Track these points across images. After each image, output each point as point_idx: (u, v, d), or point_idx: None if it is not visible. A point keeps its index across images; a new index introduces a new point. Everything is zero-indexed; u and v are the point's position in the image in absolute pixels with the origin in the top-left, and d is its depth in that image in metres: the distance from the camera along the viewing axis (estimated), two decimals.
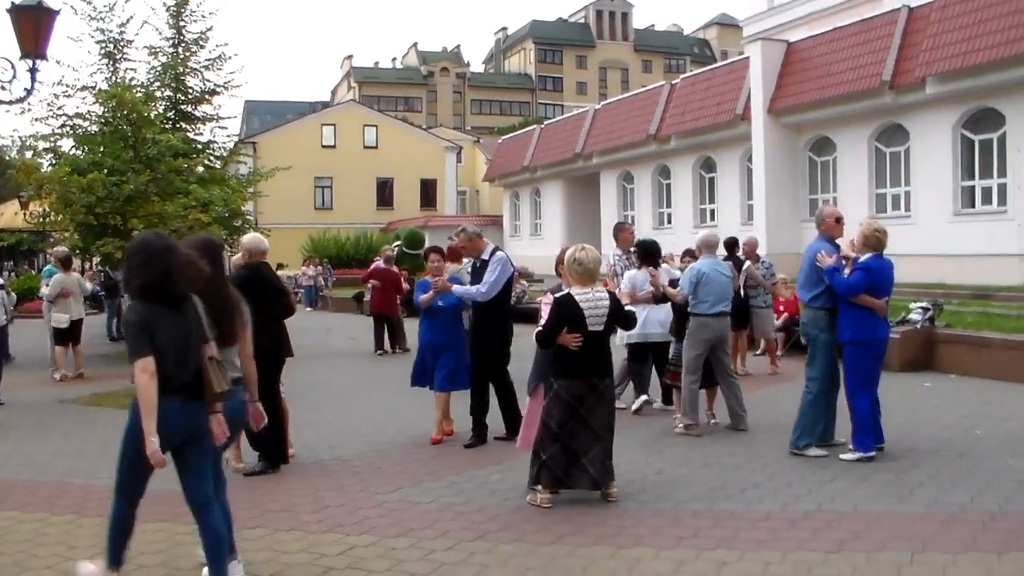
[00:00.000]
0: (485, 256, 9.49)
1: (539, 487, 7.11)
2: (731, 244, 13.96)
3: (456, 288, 9.43)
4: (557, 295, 7.27)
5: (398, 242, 24.98)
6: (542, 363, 7.62)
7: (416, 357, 9.97)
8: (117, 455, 5.19)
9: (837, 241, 8.81)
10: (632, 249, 11.45)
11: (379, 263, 19.66)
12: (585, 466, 7.05)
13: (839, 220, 8.85)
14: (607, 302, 7.11)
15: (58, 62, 17.46)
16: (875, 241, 8.39)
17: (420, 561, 5.94)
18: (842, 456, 8.28)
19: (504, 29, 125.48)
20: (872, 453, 8.21)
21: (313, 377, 14.68)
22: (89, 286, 15.91)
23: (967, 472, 7.76)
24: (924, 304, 14.74)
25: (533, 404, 7.75)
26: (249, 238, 9.54)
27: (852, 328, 8.30)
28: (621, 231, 12.43)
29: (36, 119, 16.13)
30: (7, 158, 15.56)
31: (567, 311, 7.09)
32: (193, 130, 20.19)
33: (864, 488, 7.32)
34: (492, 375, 9.52)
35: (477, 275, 9.51)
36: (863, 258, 8.37)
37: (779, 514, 6.71)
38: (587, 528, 6.52)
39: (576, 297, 7.09)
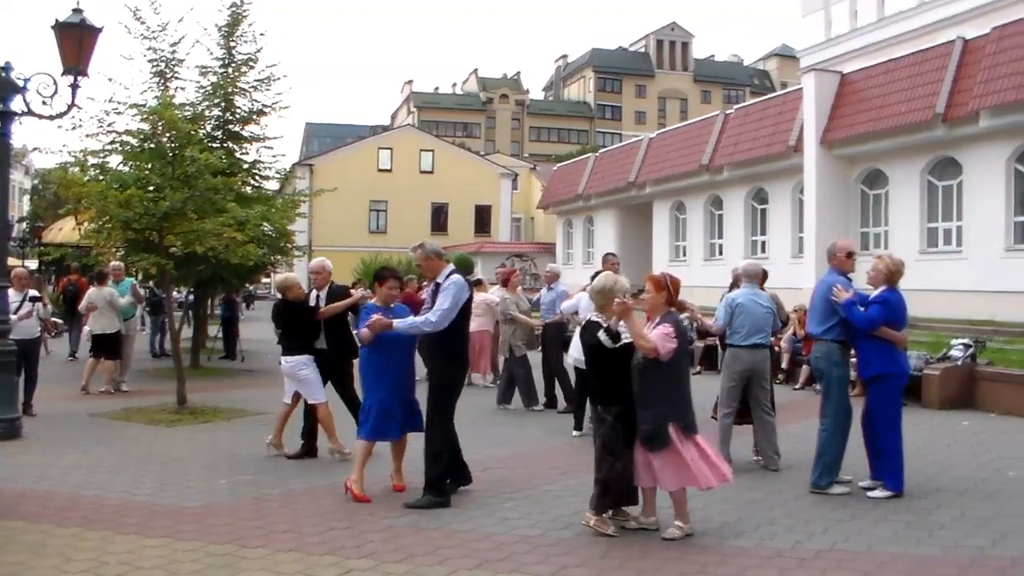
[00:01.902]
0: (440, 279, 8.24)
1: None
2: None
3: (397, 323, 8.09)
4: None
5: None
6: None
7: (365, 402, 8.46)
8: None
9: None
10: None
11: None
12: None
13: (851, 255, 8.67)
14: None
15: (110, 79, 17.66)
16: (897, 276, 8.22)
17: None
18: (871, 494, 8.07)
19: (564, 57, 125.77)
20: (902, 490, 8.05)
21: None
22: (123, 301, 16.00)
23: (993, 515, 7.51)
24: (966, 340, 14.42)
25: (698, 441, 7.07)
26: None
27: (877, 363, 8.11)
28: (605, 263, 12.52)
29: (87, 135, 16.41)
30: (68, 173, 15.78)
31: None
32: (240, 149, 20.41)
33: (883, 528, 7.10)
34: (437, 413, 8.20)
35: (434, 299, 8.23)
36: (876, 291, 8.19)
37: (790, 552, 6.52)
38: (591, 560, 6.38)
39: None
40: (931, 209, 24.86)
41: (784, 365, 16.43)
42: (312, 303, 10.30)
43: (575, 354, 10.99)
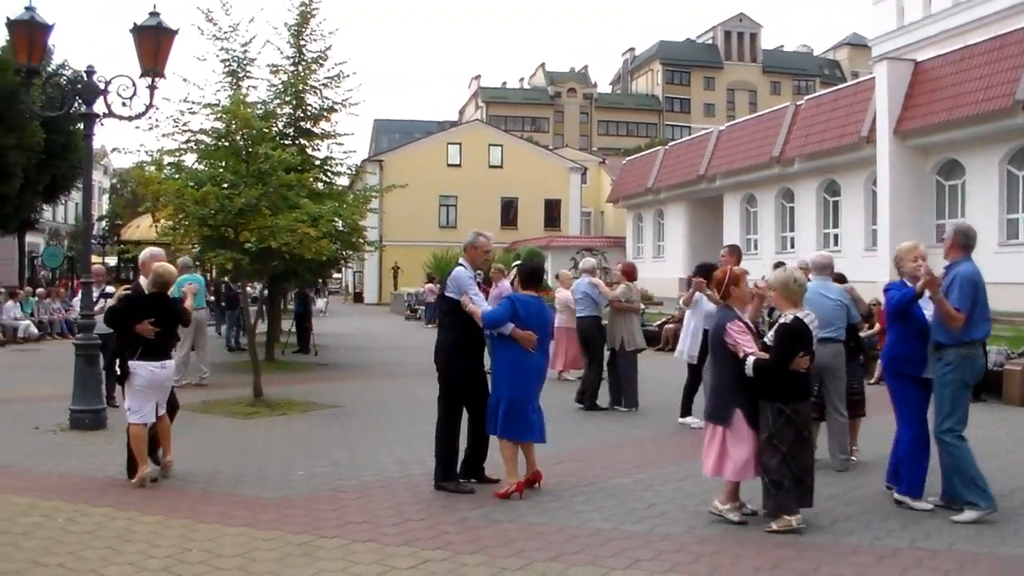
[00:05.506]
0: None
1: (789, 516, 6.85)
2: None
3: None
4: (785, 321, 7.07)
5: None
6: (732, 388, 7.14)
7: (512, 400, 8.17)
8: None
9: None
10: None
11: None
12: (810, 486, 7.04)
13: None
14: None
15: (184, 80, 17.99)
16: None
17: None
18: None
19: (632, 50, 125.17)
20: None
21: (418, 393, 14.75)
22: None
23: None
24: None
25: (734, 432, 7.13)
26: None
27: None
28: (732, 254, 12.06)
29: (164, 135, 16.75)
30: (145, 172, 15.98)
31: (805, 335, 7.09)
32: (311, 146, 20.64)
33: (964, 526, 6.96)
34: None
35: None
36: None
37: (868, 549, 6.44)
38: (665, 554, 6.36)
39: (804, 320, 7.11)
40: (1011, 200, 24.37)
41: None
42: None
43: (686, 349, 11.74)
